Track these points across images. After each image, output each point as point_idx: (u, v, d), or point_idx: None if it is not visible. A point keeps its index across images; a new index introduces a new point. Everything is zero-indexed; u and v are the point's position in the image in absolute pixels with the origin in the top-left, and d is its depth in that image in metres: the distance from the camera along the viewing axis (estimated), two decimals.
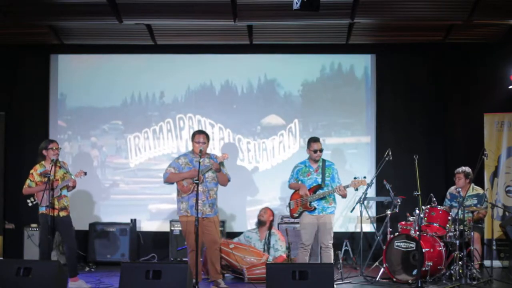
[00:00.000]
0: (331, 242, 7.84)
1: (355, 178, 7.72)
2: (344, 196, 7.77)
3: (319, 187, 7.80)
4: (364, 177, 7.71)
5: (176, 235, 9.43)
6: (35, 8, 8.74)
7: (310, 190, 7.80)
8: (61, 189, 7.86)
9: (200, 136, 7.86)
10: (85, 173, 8.04)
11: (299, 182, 7.92)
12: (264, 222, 8.80)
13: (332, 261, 7.82)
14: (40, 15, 8.89)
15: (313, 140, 7.98)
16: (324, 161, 7.94)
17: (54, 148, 7.95)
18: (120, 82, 10.14)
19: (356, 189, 7.92)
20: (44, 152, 7.96)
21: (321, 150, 7.90)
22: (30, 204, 7.87)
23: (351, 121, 10.04)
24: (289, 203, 8.00)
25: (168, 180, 7.86)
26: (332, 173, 7.86)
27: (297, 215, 7.94)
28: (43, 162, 7.96)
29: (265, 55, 10.10)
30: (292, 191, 8.03)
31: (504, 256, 9.13)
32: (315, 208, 7.77)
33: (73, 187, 8.03)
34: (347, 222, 9.89)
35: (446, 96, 10.03)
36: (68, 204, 7.99)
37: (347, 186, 7.69)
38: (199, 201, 7.52)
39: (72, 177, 7.93)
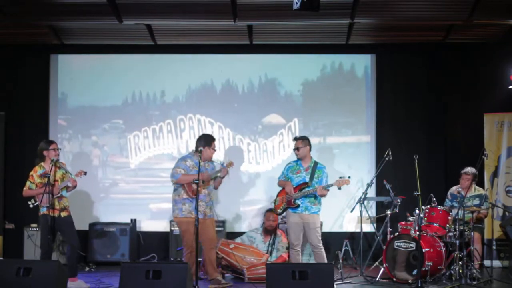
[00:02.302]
0: (320, 242, 7.80)
1: (340, 177, 7.71)
2: (322, 195, 7.75)
3: (305, 185, 7.79)
4: (349, 177, 7.68)
5: (176, 235, 9.41)
6: (35, 8, 8.73)
7: (296, 188, 7.81)
8: (61, 189, 7.86)
9: (215, 143, 8.02)
10: (85, 173, 8.03)
11: (288, 180, 7.94)
12: (273, 230, 8.80)
13: (325, 261, 7.78)
14: (40, 15, 8.89)
15: (293, 139, 8.13)
16: (316, 163, 7.95)
17: (55, 149, 7.96)
18: (121, 82, 10.13)
19: (339, 188, 7.77)
20: (45, 152, 7.93)
21: (297, 149, 7.91)
22: (31, 206, 7.86)
23: (351, 120, 10.05)
24: (275, 199, 8.06)
25: (178, 181, 7.77)
26: (321, 176, 7.83)
27: (280, 211, 7.97)
28: (42, 164, 7.94)
29: (265, 55, 10.10)
30: (280, 188, 8.06)
31: (504, 256, 9.14)
32: (298, 206, 7.77)
33: (74, 187, 8.02)
34: (347, 222, 9.89)
35: (446, 96, 10.02)
36: (68, 204, 7.99)
37: (330, 185, 7.69)
38: (203, 203, 7.69)
39: (72, 176, 7.92)
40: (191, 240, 7.65)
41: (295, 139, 8.06)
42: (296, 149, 7.94)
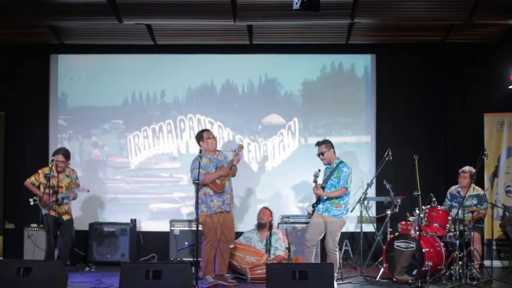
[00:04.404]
0: (335, 247, 7.80)
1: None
2: (318, 194, 7.81)
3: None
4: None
5: (176, 235, 9.43)
6: (35, 8, 8.74)
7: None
8: (62, 198, 8.12)
9: (210, 132, 8.12)
10: (88, 191, 8.51)
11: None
12: (264, 224, 8.79)
13: (336, 265, 7.77)
14: (40, 15, 8.90)
15: (315, 144, 8.02)
16: (339, 162, 7.92)
17: (58, 160, 8.31)
18: (121, 82, 10.13)
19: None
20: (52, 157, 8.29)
21: (322, 154, 7.88)
22: (32, 203, 7.99)
23: (351, 120, 10.04)
24: None
25: (204, 182, 7.73)
26: (340, 175, 7.84)
27: (311, 212, 8.04)
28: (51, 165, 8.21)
29: (266, 55, 10.10)
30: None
31: (504, 256, 9.13)
32: (316, 205, 7.84)
33: (73, 198, 8.46)
34: (347, 222, 9.83)
35: (446, 96, 10.02)
36: (70, 208, 8.43)
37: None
38: (228, 196, 7.91)
39: (75, 191, 8.18)
40: (218, 234, 7.83)
41: (318, 144, 7.96)
42: (321, 154, 7.88)
